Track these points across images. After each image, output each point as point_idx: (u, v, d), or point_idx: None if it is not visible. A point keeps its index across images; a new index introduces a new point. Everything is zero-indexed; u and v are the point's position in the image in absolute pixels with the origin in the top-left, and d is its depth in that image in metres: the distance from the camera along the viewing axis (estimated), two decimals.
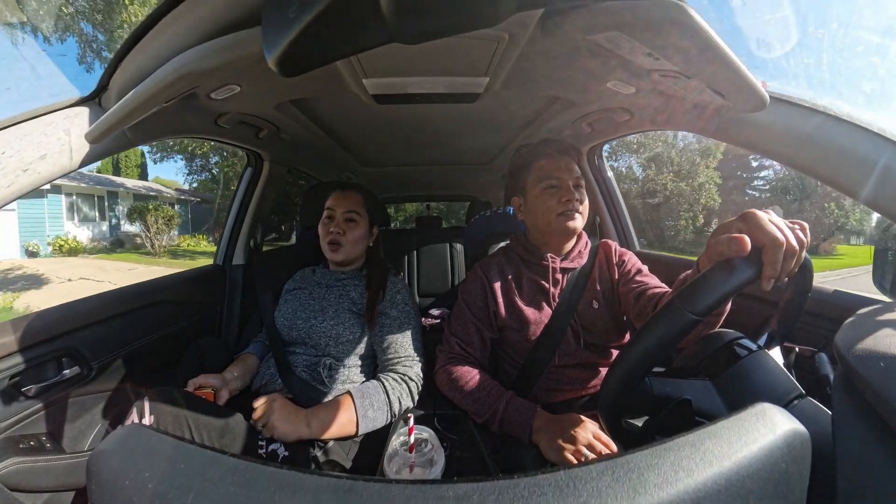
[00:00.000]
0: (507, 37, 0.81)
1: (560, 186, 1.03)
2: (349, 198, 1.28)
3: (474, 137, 1.83)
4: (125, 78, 0.83)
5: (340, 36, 0.46)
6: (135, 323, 1.33)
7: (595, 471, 0.31)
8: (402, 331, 1.16)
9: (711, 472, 0.31)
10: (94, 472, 0.35)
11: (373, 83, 1.05)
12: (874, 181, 0.72)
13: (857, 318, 0.55)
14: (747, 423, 0.35)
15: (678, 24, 0.62)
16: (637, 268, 1.10)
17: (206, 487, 0.31)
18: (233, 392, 1.09)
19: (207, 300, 1.71)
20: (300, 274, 1.37)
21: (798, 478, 0.34)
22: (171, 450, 0.35)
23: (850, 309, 0.61)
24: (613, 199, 1.91)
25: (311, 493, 0.30)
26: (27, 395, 1.00)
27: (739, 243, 0.51)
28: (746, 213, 0.56)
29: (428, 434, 0.79)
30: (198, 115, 1.15)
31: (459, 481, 0.31)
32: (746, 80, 0.75)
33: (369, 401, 1.02)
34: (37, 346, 1.03)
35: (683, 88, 0.90)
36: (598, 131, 1.53)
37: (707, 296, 0.50)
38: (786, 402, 0.54)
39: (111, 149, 0.92)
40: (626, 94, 1.08)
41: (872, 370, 0.42)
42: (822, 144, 0.79)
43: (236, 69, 0.81)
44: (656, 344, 0.52)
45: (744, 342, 0.65)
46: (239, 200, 1.82)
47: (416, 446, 0.75)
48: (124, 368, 1.26)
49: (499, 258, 1.17)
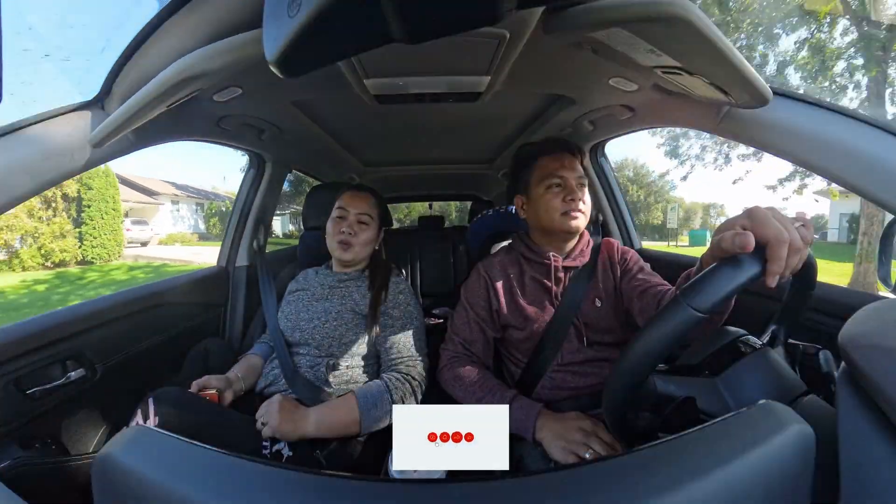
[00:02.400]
0: (509, 35, 0.81)
1: (563, 185, 1.03)
2: (364, 199, 1.28)
3: (476, 136, 1.83)
4: (128, 82, 0.83)
5: (341, 37, 0.46)
6: (139, 325, 1.34)
7: (599, 469, 0.31)
8: (405, 331, 1.16)
9: (716, 471, 0.31)
10: (99, 473, 0.35)
11: (374, 83, 1.05)
12: (880, 177, 0.71)
13: (861, 314, 0.55)
14: (751, 421, 0.35)
15: (679, 19, 0.62)
16: (639, 266, 1.09)
17: (210, 487, 0.31)
18: (237, 393, 1.10)
19: (211, 302, 1.72)
20: (303, 275, 1.37)
21: (802, 475, 0.34)
22: (175, 451, 0.35)
23: (854, 305, 0.60)
24: (616, 197, 1.91)
25: (316, 493, 0.30)
26: (32, 398, 1.01)
27: (744, 239, 0.51)
28: (751, 209, 0.56)
29: None
30: (200, 118, 1.16)
31: (464, 481, 0.31)
32: (749, 75, 0.74)
33: (372, 400, 1.02)
34: (42, 348, 1.03)
35: (685, 85, 0.90)
36: (601, 129, 1.52)
37: (712, 292, 0.50)
38: (790, 400, 0.54)
39: (115, 152, 0.93)
40: (627, 92, 1.07)
41: (877, 367, 0.42)
42: (827, 140, 0.78)
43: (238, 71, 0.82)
44: (660, 341, 0.52)
45: (747, 339, 0.65)
46: (241, 202, 1.83)
47: None
48: (129, 370, 1.27)
49: (501, 257, 1.17)
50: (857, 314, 0.55)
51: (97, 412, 1.20)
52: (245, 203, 1.82)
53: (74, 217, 14.43)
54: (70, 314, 1.14)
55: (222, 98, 1.00)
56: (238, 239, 1.83)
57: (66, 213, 14.13)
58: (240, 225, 1.82)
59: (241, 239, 1.83)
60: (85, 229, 14.48)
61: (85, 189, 14.49)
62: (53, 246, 13.40)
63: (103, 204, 14.87)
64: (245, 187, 1.83)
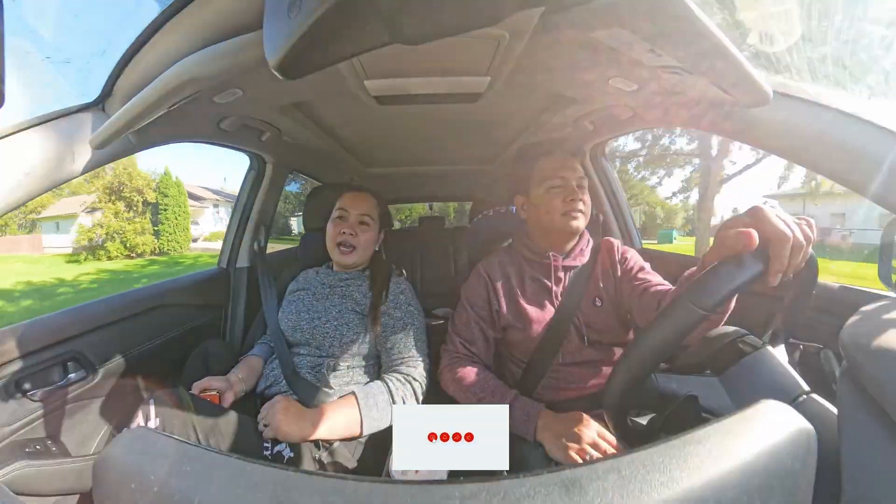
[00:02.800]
0: (508, 35, 0.81)
1: (564, 186, 1.03)
2: (365, 201, 1.28)
3: (476, 137, 1.83)
4: (129, 84, 0.84)
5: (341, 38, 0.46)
6: (139, 326, 1.34)
7: (600, 470, 0.31)
8: (406, 331, 1.16)
9: (717, 470, 0.31)
10: (99, 475, 0.35)
11: (374, 84, 1.05)
12: (882, 177, 0.71)
13: (863, 314, 0.55)
14: (753, 421, 0.35)
15: (680, 19, 0.62)
16: (639, 265, 1.09)
17: (211, 489, 0.31)
18: (238, 394, 1.10)
19: (212, 303, 1.72)
20: (304, 275, 1.37)
21: (804, 474, 0.34)
22: (176, 452, 0.35)
23: (855, 305, 0.60)
24: (616, 197, 1.90)
25: (318, 495, 0.30)
26: (32, 399, 1.01)
27: (747, 237, 0.51)
28: (754, 208, 0.56)
29: None
30: (200, 119, 1.16)
31: (465, 481, 0.31)
32: (749, 75, 0.74)
33: (373, 401, 1.02)
34: (42, 350, 1.04)
35: (685, 84, 0.90)
36: (601, 129, 1.52)
37: (716, 290, 0.50)
38: (791, 399, 0.54)
39: (115, 154, 0.93)
40: (628, 91, 1.07)
41: (878, 366, 0.42)
42: (827, 140, 0.78)
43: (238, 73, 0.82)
44: (663, 340, 0.52)
45: (749, 339, 0.65)
46: (242, 203, 1.83)
47: None
48: (129, 372, 1.27)
49: (501, 257, 1.17)
50: (858, 313, 0.55)
51: (98, 414, 1.20)
52: (246, 205, 1.82)
53: (151, 218, 19.86)
54: (71, 316, 1.14)
55: (223, 100, 1.00)
56: (239, 240, 1.83)
57: (144, 215, 19.69)
58: (240, 226, 1.83)
59: (241, 240, 1.83)
60: (161, 228, 19.88)
61: (161, 196, 20.01)
62: (137, 240, 18.64)
63: (177, 208, 20.36)
64: (245, 189, 1.83)
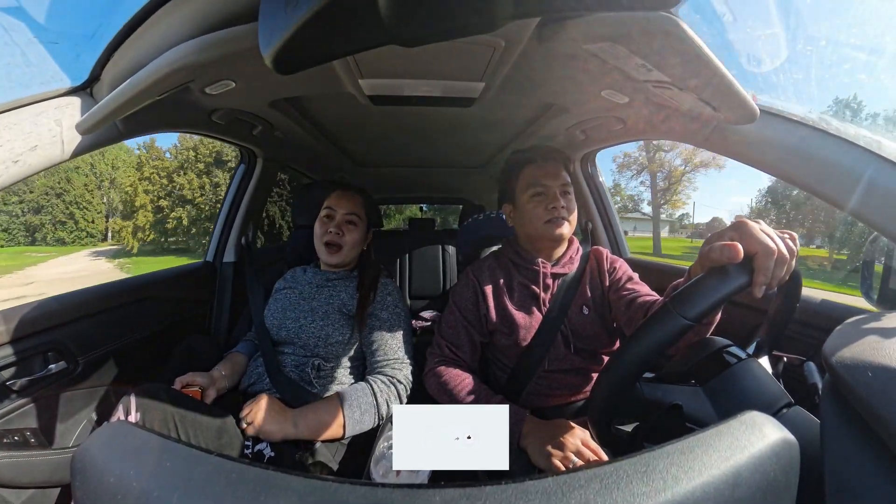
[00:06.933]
0: (504, 43, 0.81)
1: (546, 194, 1.03)
2: (351, 199, 1.26)
3: (469, 141, 1.83)
4: (118, 69, 0.82)
5: (338, 35, 0.46)
6: (123, 319, 1.31)
7: (583, 478, 0.31)
8: (392, 333, 1.15)
9: (700, 481, 0.31)
10: (78, 468, 0.34)
11: (369, 84, 1.05)
12: (860, 193, 0.73)
13: (845, 327, 0.56)
14: (736, 432, 0.35)
15: (671, 36, 0.63)
16: (628, 275, 1.10)
17: (190, 487, 0.31)
18: (220, 391, 1.08)
19: (197, 297, 1.69)
20: (291, 273, 1.36)
21: (786, 486, 0.34)
22: (156, 448, 0.35)
23: (838, 318, 0.62)
24: (605, 206, 1.93)
25: (296, 495, 0.30)
26: (12, 390, 0.98)
27: (732, 250, 0.52)
28: (738, 222, 0.57)
29: None
30: (191, 110, 1.14)
31: (446, 486, 0.30)
32: (737, 92, 0.76)
33: (357, 403, 1.01)
34: (22, 339, 1.01)
35: (675, 99, 0.91)
36: (592, 139, 1.54)
37: (701, 301, 0.51)
38: (774, 411, 0.55)
39: (102, 140, 0.91)
40: (619, 103, 1.09)
41: (860, 379, 0.42)
42: (810, 156, 0.81)
43: (232, 64, 0.81)
44: (649, 348, 0.52)
45: (733, 350, 0.66)
46: (231, 197, 1.81)
47: None
48: (111, 364, 1.24)
49: (490, 262, 1.17)
50: (841, 327, 0.56)
51: (79, 406, 1.17)
52: (234, 198, 1.80)
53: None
54: (52, 305, 1.11)
55: (214, 91, 0.99)
56: (226, 234, 1.81)
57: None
58: (228, 220, 1.80)
59: (229, 234, 1.81)
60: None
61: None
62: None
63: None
64: (235, 183, 1.81)
